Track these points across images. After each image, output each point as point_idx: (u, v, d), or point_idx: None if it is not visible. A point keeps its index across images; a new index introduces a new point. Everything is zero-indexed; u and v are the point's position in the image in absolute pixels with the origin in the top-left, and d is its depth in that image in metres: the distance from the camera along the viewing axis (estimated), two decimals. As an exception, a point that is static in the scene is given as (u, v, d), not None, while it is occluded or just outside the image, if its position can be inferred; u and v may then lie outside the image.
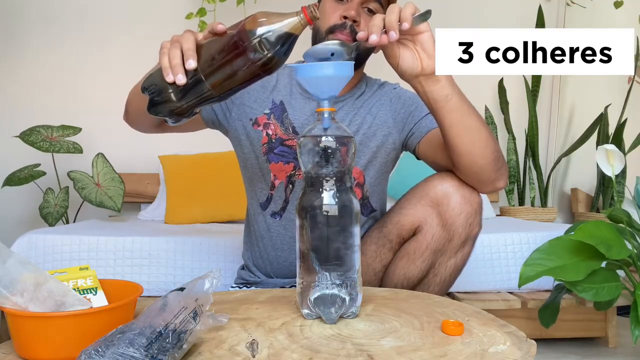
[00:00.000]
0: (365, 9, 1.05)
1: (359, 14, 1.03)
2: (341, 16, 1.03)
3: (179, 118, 0.78)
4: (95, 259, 1.67)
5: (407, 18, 0.78)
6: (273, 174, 1.11)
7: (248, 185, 1.20)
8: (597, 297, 1.28)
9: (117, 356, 0.50)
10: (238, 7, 2.40)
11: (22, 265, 0.62)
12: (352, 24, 1.03)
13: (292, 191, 1.10)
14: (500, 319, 0.73)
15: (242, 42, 0.69)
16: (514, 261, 1.74)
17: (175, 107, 0.76)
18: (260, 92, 1.13)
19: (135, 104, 1.01)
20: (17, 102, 2.59)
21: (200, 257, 1.70)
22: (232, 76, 0.72)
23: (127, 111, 1.07)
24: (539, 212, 2.58)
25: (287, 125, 1.11)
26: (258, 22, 0.69)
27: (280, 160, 1.10)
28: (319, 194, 0.71)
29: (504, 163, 0.97)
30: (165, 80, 0.72)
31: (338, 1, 1.06)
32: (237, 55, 0.70)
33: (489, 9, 2.81)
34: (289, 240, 1.12)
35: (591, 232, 1.26)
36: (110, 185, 2.16)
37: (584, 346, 1.73)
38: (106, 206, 2.11)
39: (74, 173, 2.15)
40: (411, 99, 1.15)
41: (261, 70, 0.71)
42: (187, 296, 0.60)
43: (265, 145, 1.11)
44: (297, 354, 0.58)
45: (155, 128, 1.06)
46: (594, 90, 2.82)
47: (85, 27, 2.59)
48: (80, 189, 2.11)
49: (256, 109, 1.12)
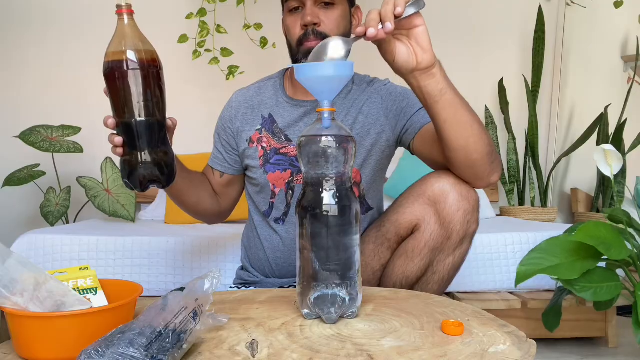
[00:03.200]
0: (322, 4, 1.05)
1: (316, 16, 1.04)
2: (302, 26, 1.05)
3: (161, 171, 0.80)
4: (95, 259, 1.67)
5: (400, 4, 0.78)
6: (272, 184, 1.13)
7: (250, 199, 1.22)
8: (596, 296, 1.28)
9: (117, 356, 0.50)
10: (238, 7, 2.40)
11: (22, 265, 0.62)
12: (314, 27, 1.04)
13: (293, 196, 1.12)
14: (500, 319, 0.73)
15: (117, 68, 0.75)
16: (514, 261, 1.74)
17: (146, 160, 0.79)
18: (249, 113, 1.16)
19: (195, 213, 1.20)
20: (17, 102, 2.59)
21: (200, 257, 1.71)
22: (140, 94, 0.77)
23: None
24: (539, 212, 2.58)
25: (278, 135, 1.13)
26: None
27: (277, 169, 1.12)
28: (319, 194, 0.71)
29: (497, 156, 0.97)
30: (123, 160, 0.80)
31: (294, 12, 1.07)
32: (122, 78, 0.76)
33: (489, 9, 2.81)
34: (291, 242, 1.13)
35: (591, 233, 1.26)
36: (120, 192, 2.14)
37: (584, 346, 1.73)
38: (120, 215, 2.10)
39: (84, 179, 2.13)
40: (402, 95, 1.14)
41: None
42: (187, 296, 0.60)
43: (261, 158, 1.13)
44: (297, 354, 0.58)
45: (217, 217, 1.24)
46: (594, 90, 2.82)
47: (85, 27, 2.59)
48: (93, 197, 2.09)
49: (249, 129, 1.15)
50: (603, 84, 2.83)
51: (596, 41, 2.86)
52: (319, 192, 0.71)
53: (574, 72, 2.85)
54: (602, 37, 2.86)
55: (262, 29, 2.36)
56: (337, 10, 1.06)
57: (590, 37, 2.85)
